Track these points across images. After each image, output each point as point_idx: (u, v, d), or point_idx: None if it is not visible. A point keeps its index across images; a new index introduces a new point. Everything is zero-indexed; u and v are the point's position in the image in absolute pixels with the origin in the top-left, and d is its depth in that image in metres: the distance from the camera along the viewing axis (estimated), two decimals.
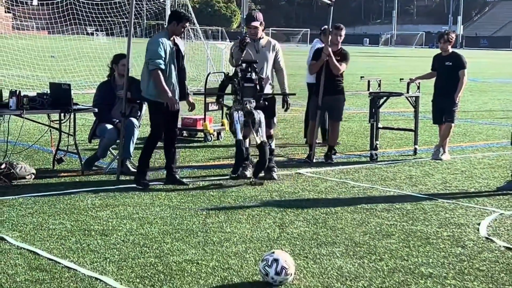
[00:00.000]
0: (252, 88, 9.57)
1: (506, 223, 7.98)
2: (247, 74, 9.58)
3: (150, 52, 9.15)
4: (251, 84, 9.56)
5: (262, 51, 10.04)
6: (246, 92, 9.54)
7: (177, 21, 9.26)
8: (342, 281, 5.92)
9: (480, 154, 12.73)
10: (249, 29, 10.13)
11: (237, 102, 9.69)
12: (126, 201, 8.50)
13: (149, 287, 5.65)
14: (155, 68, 9.05)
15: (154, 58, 9.06)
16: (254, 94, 9.57)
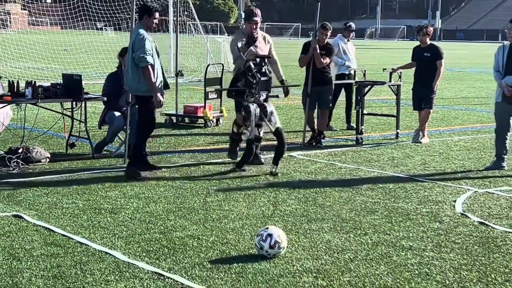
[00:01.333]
0: (267, 81, 9.25)
1: (480, 200, 7.99)
2: (261, 68, 9.22)
3: (140, 50, 8.62)
4: (265, 78, 9.22)
5: (259, 45, 9.76)
6: (262, 86, 9.15)
7: (148, 15, 8.80)
8: (330, 254, 5.93)
9: (456, 137, 12.73)
10: (250, 24, 9.77)
11: (251, 95, 9.18)
12: (132, 182, 8.49)
13: (154, 260, 5.66)
14: (146, 65, 8.61)
15: (145, 54, 8.60)
16: (268, 87, 9.27)
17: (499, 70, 9.44)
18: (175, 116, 13.63)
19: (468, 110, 17.47)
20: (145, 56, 8.60)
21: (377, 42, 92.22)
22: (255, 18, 9.78)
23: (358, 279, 5.34)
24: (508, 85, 9.30)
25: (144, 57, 8.60)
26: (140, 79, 8.73)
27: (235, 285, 5.16)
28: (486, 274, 5.51)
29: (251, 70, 9.15)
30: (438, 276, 5.45)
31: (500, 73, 9.42)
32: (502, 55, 9.43)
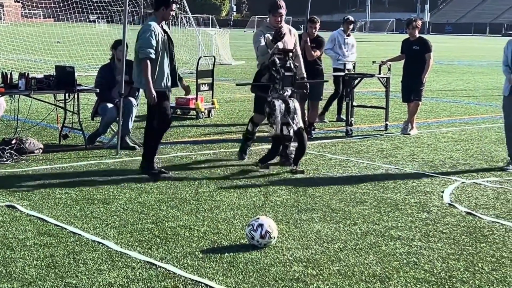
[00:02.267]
0: (291, 76, 8.68)
1: (467, 190, 8.01)
2: (286, 63, 8.67)
3: (141, 40, 8.13)
4: (290, 73, 8.67)
5: (286, 39, 9.08)
6: (286, 81, 8.64)
7: (165, 6, 8.26)
8: (320, 243, 5.94)
9: (445, 129, 12.76)
10: (274, 17, 9.08)
11: (275, 91, 8.67)
12: (125, 172, 8.48)
13: (146, 250, 5.65)
14: (144, 57, 8.09)
15: (145, 47, 8.08)
16: (292, 82, 8.72)
17: (508, 65, 9.05)
18: None
19: (456, 102, 17.52)
20: (143, 48, 8.09)
21: (367, 35, 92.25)
22: (280, 10, 9.08)
23: (347, 268, 5.36)
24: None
25: (143, 48, 8.10)
26: (141, 72, 8.25)
27: (226, 274, 5.16)
28: (473, 263, 5.54)
29: (275, 65, 8.66)
30: (426, 265, 5.47)
31: (509, 67, 9.03)
32: (511, 49, 9.08)
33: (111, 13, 28.75)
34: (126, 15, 9.69)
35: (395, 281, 5.12)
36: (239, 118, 13.60)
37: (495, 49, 53.97)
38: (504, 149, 10.64)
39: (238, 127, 12.48)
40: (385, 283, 5.07)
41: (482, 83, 23.30)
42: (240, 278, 5.08)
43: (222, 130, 12.12)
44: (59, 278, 5.00)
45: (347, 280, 5.10)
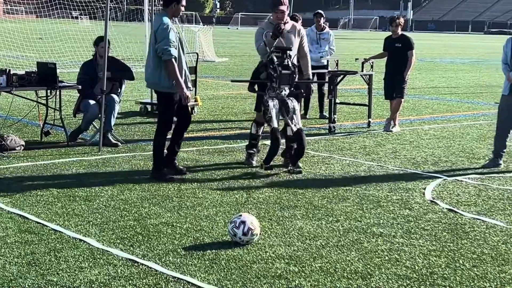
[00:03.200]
0: (289, 75, 8.46)
1: (449, 187, 8.05)
2: (284, 61, 8.44)
3: (163, 41, 7.68)
4: (288, 72, 8.43)
5: (288, 36, 8.78)
6: (283, 80, 8.42)
7: (177, 1, 7.87)
8: (302, 240, 5.95)
9: (427, 126, 12.82)
10: (275, 13, 8.73)
11: (272, 89, 8.48)
12: (107, 169, 8.45)
13: (128, 247, 5.63)
14: (170, 58, 7.70)
15: (169, 46, 7.67)
16: (290, 81, 8.49)
17: (507, 63, 8.91)
18: (150, 105, 13.55)
19: (438, 99, 17.60)
20: (169, 48, 7.68)
21: (350, 33, 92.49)
22: (281, 7, 8.70)
23: (329, 265, 5.37)
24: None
25: (168, 49, 7.68)
26: (162, 73, 7.86)
27: (209, 271, 5.15)
28: (455, 260, 5.57)
29: (273, 63, 8.45)
30: (408, 261, 5.49)
31: (509, 66, 8.89)
32: (510, 47, 8.90)
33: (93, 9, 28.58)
34: (108, 11, 9.65)
35: (376, 277, 5.13)
36: (222, 115, 13.59)
37: (477, 46, 54.33)
38: (485, 146, 10.73)
39: (221, 124, 12.47)
40: (367, 279, 5.09)
41: (464, 81, 23.43)
42: (222, 275, 5.08)
43: (205, 127, 12.10)
44: (40, 276, 4.97)
45: (329, 277, 5.11)
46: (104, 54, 9.69)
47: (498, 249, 5.85)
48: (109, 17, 9.80)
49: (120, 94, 10.46)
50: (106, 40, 9.73)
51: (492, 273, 5.29)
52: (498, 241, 6.07)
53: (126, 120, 12.51)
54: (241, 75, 22.78)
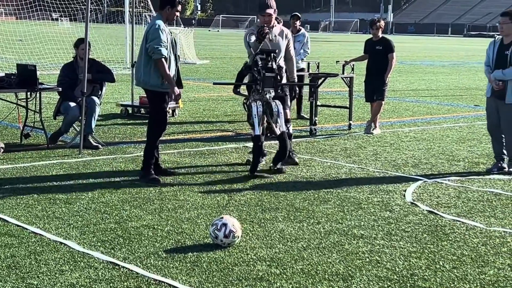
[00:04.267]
0: (273, 78, 8.40)
1: (429, 189, 8.10)
2: (268, 64, 8.43)
3: (156, 40, 7.78)
4: (271, 74, 8.38)
5: (276, 40, 8.84)
6: (266, 82, 8.35)
7: (171, 6, 7.93)
8: (283, 243, 5.96)
9: (407, 129, 12.88)
10: (262, 17, 8.71)
11: (255, 92, 8.45)
12: (88, 172, 8.41)
13: (109, 250, 5.61)
14: (160, 57, 7.78)
15: (159, 46, 7.76)
16: (274, 84, 8.44)
17: (489, 65, 8.88)
18: (130, 107, 13.51)
19: (419, 102, 17.69)
20: (159, 48, 7.77)
21: (331, 35, 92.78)
22: (268, 10, 8.67)
23: (310, 267, 5.38)
24: (497, 79, 8.73)
25: (158, 48, 7.77)
26: (151, 72, 7.92)
27: (190, 274, 5.15)
28: (435, 261, 5.60)
29: (257, 65, 8.43)
30: (388, 263, 5.52)
31: (490, 68, 8.85)
32: (492, 49, 8.88)
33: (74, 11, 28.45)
34: (88, 13, 9.61)
35: (357, 279, 5.16)
36: (203, 117, 13.58)
37: (457, 49, 54.72)
38: (465, 148, 10.81)
39: (202, 126, 12.46)
40: (348, 281, 5.11)
41: (444, 83, 23.58)
42: (204, 278, 5.08)
43: (186, 129, 12.09)
44: (20, 279, 4.94)
45: (310, 279, 5.13)
46: (85, 56, 9.65)
47: (478, 251, 5.90)
48: (89, 19, 9.76)
49: (101, 96, 10.43)
50: (87, 42, 9.69)
51: (472, 275, 5.33)
52: (478, 243, 6.12)
53: (107, 122, 12.47)
54: (222, 77, 22.78)
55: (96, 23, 31.51)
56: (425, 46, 61.25)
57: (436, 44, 66.66)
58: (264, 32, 8.52)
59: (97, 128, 11.04)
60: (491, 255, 5.81)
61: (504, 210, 7.25)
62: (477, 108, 16.45)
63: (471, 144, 11.24)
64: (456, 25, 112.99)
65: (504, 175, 8.89)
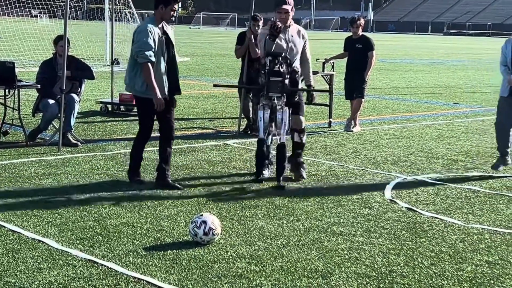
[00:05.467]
0: (279, 82, 7.74)
1: (408, 187, 8.14)
2: (275, 67, 7.78)
3: (139, 43, 7.33)
4: (278, 78, 7.73)
5: (293, 39, 8.13)
6: (272, 87, 7.76)
7: (164, 4, 7.47)
8: (263, 240, 5.97)
9: (387, 126, 12.94)
10: (278, 13, 8.03)
11: (263, 97, 7.90)
12: (67, 170, 8.36)
13: (88, 248, 5.59)
14: (145, 62, 7.31)
15: (144, 49, 7.28)
16: (282, 89, 7.78)
17: (507, 65, 8.62)
18: (110, 104, 13.46)
19: (398, 99, 17.77)
20: (142, 51, 7.30)
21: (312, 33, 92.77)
22: (285, 6, 8.03)
23: (290, 264, 5.39)
24: None
25: (142, 52, 7.30)
26: (136, 77, 7.46)
27: (169, 271, 5.14)
28: (413, 258, 5.63)
29: (264, 68, 7.87)
30: (367, 260, 5.54)
31: (508, 68, 8.59)
32: (511, 49, 8.61)
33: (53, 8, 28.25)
34: (68, 10, 9.55)
35: (336, 276, 5.17)
36: (183, 114, 13.55)
37: (437, 47, 55.02)
38: (444, 145, 10.88)
39: (182, 123, 12.43)
40: (327, 278, 5.12)
41: (424, 81, 23.70)
42: (183, 275, 5.07)
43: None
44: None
45: (289, 276, 5.14)
46: (64, 53, 9.59)
47: (455, 247, 5.94)
48: (69, 15, 9.70)
49: (80, 94, 10.37)
50: (66, 39, 9.64)
51: (450, 271, 5.37)
52: (456, 240, 6.16)
53: (87, 120, 12.41)
54: (202, 75, 22.74)
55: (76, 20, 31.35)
56: (405, 44, 61.53)
57: (416, 42, 67.00)
58: (277, 27, 7.81)
59: (77, 125, 10.98)
60: (469, 251, 5.85)
61: (482, 207, 7.31)
62: (456, 106, 16.56)
63: (449, 141, 11.32)
64: (436, 24, 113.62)
65: (484, 173, 8.96)
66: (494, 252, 5.84)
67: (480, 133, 12.34)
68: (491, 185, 8.33)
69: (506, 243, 6.10)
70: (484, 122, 13.81)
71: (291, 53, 8.07)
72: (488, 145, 11.06)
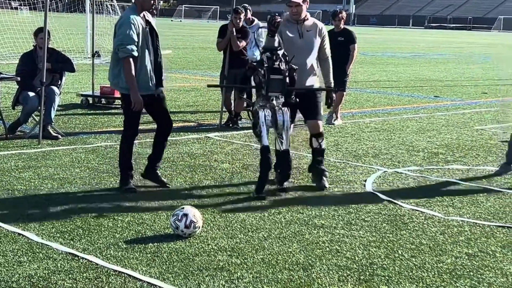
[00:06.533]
0: (280, 80, 7.05)
1: (389, 179, 8.18)
2: (274, 64, 7.07)
3: (120, 36, 6.83)
4: (278, 76, 7.04)
5: (307, 35, 7.49)
6: (272, 86, 7.04)
7: None
8: (245, 233, 5.97)
9: (368, 119, 12.98)
10: (289, 7, 7.47)
11: (261, 97, 7.18)
12: (47, 162, 8.31)
13: (68, 241, 5.56)
14: (126, 56, 6.81)
15: (126, 43, 6.79)
16: (282, 88, 7.08)
17: None
18: (91, 97, 13.38)
19: (380, 93, 17.83)
20: (124, 45, 6.81)
21: None
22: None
23: (271, 256, 5.40)
24: None
25: (123, 46, 6.81)
26: (121, 73, 6.96)
27: (150, 264, 5.13)
28: (394, 250, 5.66)
29: (262, 66, 7.16)
30: (348, 252, 5.56)
31: None
32: None
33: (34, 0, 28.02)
34: (48, 2, 9.47)
35: (317, 268, 5.19)
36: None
37: (418, 41, 55.22)
38: (424, 138, 10.94)
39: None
40: (308, 270, 5.14)
41: (405, 74, 23.80)
42: (164, 268, 5.06)
43: (147, 120, 11.94)
44: None
45: (270, 269, 5.15)
46: (44, 45, 9.53)
47: (436, 240, 5.98)
48: (49, 7, 9.63)
49: (61, 86, 10.31)
50: (46, 31, 9.57)
51: (430, 263, 5.40)
52: (436, 232, 6.20)
53: (67, 112, 12.34)
54: (184, 68, 22.67)
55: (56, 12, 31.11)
56: (387, 37, 61.71)
57: (397, 36, 67.20)
58: (276, 21, 7.13)
59: (57, 118, 10.92)
60: (448, 243, 5.89)
61: (462, 199, 7.36)
62: (436, 99, 16.64)
63: (430, 134, 11.38)
64: (417, 17, 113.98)
65: (463, 165, 9.03)
66: (473, 244, 5.89)
67: (460, 126, 12.42)
68: (471, 177, 8.39)
69: (486, 235, 6.15)
70: (464, 115, 13.90)
71: (302, 50, 7.42)
72: (468, 138, 11.14)
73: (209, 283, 4.83)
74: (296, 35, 7.46)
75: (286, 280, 4.94)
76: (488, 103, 16.30)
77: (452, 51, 40.66)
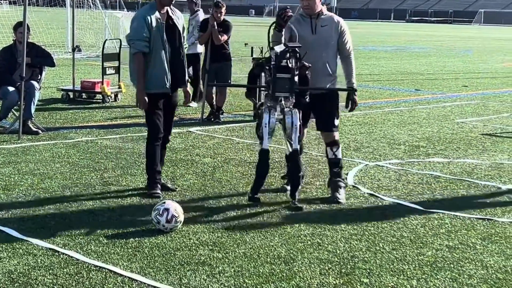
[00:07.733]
0: (288, 80, 6.49)
1: (370, 172, 8.21)
2: (282, 61, 6.51)
3: (131, 31, 6.69)
4: (286, 75, 6.49)
5: (321, 31, 6.87)
6: (279, 85, 6.51)
7: None
8: (226, 227, 5.96)
9: (349, 113, 12.96)
10: (301, 1, 6.90)
11: (268, 97, 6.70)
12: (27, 158, 8.25)
13: (49, 236, 5.52)
14: (136, 52, 6.61)
15: (135, 39, 6.60)
16: (290, 88, 6.53)
17: None
18: (72, 92, 13.30)
19: (361, 86, 17.84)
20: (133, 40, 6.61)
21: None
22: None
23: (253, 250, 5.40)
24: None
25: (133, 41, 6.61)
26: (134, 69, 6.74)
27: (131, 259, 5.11)
28: (375, 243, 5.68)
29: (269, 63, 6.66)
30: (330, 246, 5.57)
31: None
32: None
33: None
34: None
35: (299, 262, 5.19)
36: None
37: (399, 34, 55.38)
38: (406, 132, 10.98)
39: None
40: (289, 264, 5.14)
41: (386, 68, 23.87)
42: (146, 263, 5.05)
43: (129, 114, 11.96)
44: None
45: (252, 262, 5.14)
46: (23, 39, 9.46)
47: (416, 232, 6.01)
48: (29, 1, 9.55)
49: (40, 81, 10.24)
50: (25, 25, 9.50)
51: (411, 256, 5.43)
52: (416, 225, 6.23)
53: (48, 107, 12.25)
54: None
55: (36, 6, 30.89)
56: (368, 31, 61.81)
57: (379, 30, 67.37)
58: (286, 15, 6.66)
59: (37, 113, 10.84)
60: (429, 236, 5.92)
61: (442, 192, 7.40)
62: (417, 92, 16.71)
63: (411, 128, 11.43)
64: (399, 11, 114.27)
65: (444, 158, 9.07)
66: (454, 237, 5.92)
67: (441, 119, 12.48)
68: (452, 170, 8.44)
69: (466, 228, 6.19)
70: (445, 109, 13.96)
71: (315, 47, 6.84)
72: (448, 131, 11.19)
73: (191, 277, 4.82)
74: (308, 31, 6.85)
75: (268, 274, 4.94)
76: (469, 96, 16.38)
77: (433, 44, 40.83)
